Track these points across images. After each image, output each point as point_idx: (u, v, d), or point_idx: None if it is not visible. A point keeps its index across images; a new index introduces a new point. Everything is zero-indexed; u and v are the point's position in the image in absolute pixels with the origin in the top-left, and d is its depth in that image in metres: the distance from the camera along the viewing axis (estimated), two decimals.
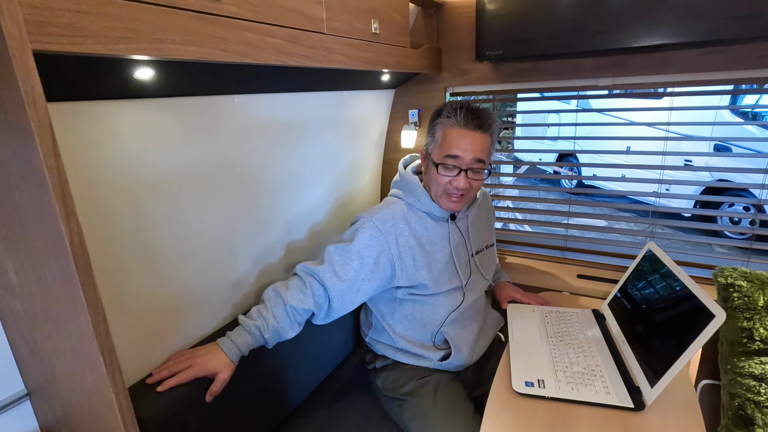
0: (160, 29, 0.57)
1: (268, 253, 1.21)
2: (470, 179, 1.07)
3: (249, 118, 1.03)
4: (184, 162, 0.90)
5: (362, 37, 1.02)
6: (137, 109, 0.78)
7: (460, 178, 1.06)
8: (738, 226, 3.58)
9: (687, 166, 3.55)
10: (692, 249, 1.53)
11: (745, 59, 1.16)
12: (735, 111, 3.76)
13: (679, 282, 0.95)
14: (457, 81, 1.53)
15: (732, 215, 2.66)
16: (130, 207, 0.82)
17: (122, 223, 0.81)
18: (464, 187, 1.06)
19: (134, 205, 0.83)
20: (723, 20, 1.04)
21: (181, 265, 0.96)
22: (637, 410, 0.87)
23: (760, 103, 3.57)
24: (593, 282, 1.45)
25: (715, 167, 3.46)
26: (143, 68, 0.67)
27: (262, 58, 0.75)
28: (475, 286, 1.21)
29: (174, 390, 0.87)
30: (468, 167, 1.06)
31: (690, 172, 2.93)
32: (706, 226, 2.14)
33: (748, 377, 1.04)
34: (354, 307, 1.10)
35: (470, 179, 1.07)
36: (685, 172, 2.99)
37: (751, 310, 1.07)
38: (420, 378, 1.14)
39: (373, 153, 1.66)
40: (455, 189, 1.07)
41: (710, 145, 3.83)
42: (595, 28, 1.15)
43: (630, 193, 1.63)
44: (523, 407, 0.90)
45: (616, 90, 1.39)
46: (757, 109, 3.65)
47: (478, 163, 1.06)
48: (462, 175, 1.06)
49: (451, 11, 1.46)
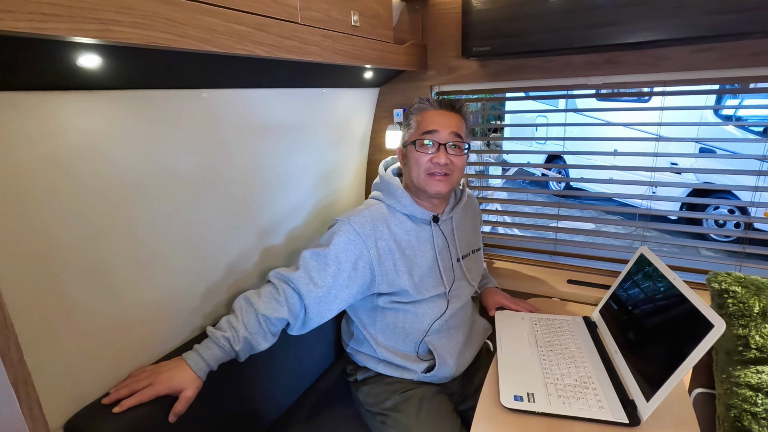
0: (100, 7, 0.50)
1: (242, 259, 1.14)
2: (450, 155, 1.04)
3: (217, 114, 0.96)
4: (143, 162, 0.82)
5: (341, 29, 0.96)
6: (85, 101, 0.70)
7: (440, 153, 1.03)
8: (723, 229, 3.58)
9: (672, 167, 3.56)
10: (679, 252, 1.49)
11: (739, 56, 1.12)
12: (720, 114, 3.79)
13: (675, 289, 0.91)
14: (444, 79, 1.48)
15: (718, 218, 2.65)
16: (83, 212, 0.74)
17: (74, 230, 0.74)
18: (445, 162, 1.03)
19: (87, 210, 0.75)
20: (718, 15, 1.00)
21: (142, 273, 0.88)
22: (632, 426, 0.81)
23: (746, 105, 3.59)
24: (584, 287, 1.40)
25: (702, 169, 3.47)
26: (87, 54, 0.60)
27: (225, 47, 0.68)
28: (460, 292, 1.15)
29: (133, 410, 0.80)
30: (446, 141, 1.03)
31: (677, 174, 2.92)
32: (694, 229, 2.12)
33: (744, 387, 1.00)
34: (332, 316, 1.03)
35: (450, 155, 1.04)
36: (672, 175, 2.98)
37: (747, 317, 1.03)
38: (403, 392, 1.08)
39: (357, 153, 1.60)
40: (437, 166, 1.03)
41: (696, 147, 3.84)
42: (588, 22, 1.10)
43: (617, 195, 1.59)
44: (512, 423, 0.85)
45: (605, 90, 1.34)
46: (741, 111, 3.68)
47: (456, 138, 1.04)
48: (442, 150, 1.03)
49: (437, 6, 1.40)
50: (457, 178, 1.09)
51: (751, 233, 1.31)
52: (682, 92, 1.27)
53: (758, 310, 1.02)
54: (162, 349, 0.96)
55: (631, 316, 1.03)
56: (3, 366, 0.38)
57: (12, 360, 0.38)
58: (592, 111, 1.96)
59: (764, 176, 1.24)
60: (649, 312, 0.98)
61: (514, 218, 3.31)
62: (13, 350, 0.39)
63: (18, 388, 0.39)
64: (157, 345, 0.94)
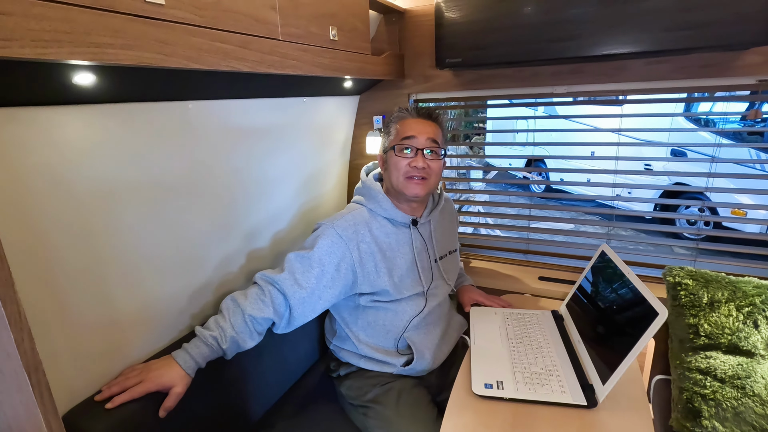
0: (95, 33, 0.55)
1: (228, 262, 1.18)
2: (428, 159, 1.11)
3: (204, 124, 1.01)
4: (135, 170, 0.87)
5: (320, 43, 1.02)
6: (80, 115, 0.75)
7: (418, 158, 1.10)
8: (683, 227, 3.75)
9: (647, 169, 3.72)
10: (651, 250, 1.59)
11: (689, 68, 1.22)
12: (689, 118, 3.97)
13: (629, 282, 0.99)
14: (421, 87, 1.55)
15: (685, 217, 2.79)
16: (77, 217, 0.79)
17: (69, 235, 0.78)
18: (423, 167, 1.10)
19: (81, 215, 0.79)
20: (669, 32, 1.10)
21: (134, 276, 0.92)
22: (590, 407, 0.89)
23: (711, 111, 3.76)
24: (554, 284, 1.49)
25: (671, 171, 3.63)
26: (83, 73, 0.65)
27: (211, 64, 0.73)
28: (437, 291, 1.22)
29: (124, 406, 0.84)
30: (424, 147, 1.10)
31: (647, 176, 3.06)
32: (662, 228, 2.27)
33: (695, 371, 1.09)
34: (316, 315, 1.08)
35: (428, 159, 1.11)
36: (644, 176, 3.13)
37: (697, 307, 1.12)
38: (383, 384, 1.14)
39: (339, 159, 1.66)
40: (415, 170, 1.10)
41: (667, 150, 4.02)
42: (550, 36, 1.19)
43: (587, 197, 1.69)
44: (482, 409, 0.91)
45: (579, 97, 1.43)
46: (711, 116, 3.86)
47: (433, 144, 1.11)
48: (419, 155, 1.10)
49: (413, 19, 1.48)
50: (434, 182, 1.15)
51: (705, 230, 1.41)
52: (648, 100, 1.37)
53: (706, 300, 1.11)
54: (152, 348, 1.00)
55: (592, 309, 1.11)
56: (18, 354, 0.43)
57: (25, 349, 0.43)
58: (566, 118, 2.06)
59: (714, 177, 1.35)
60: (607, 304, 1.06)
61: (496, 220, 3.42)
62: (26, 341, 0.44)
63: (30, 375, 0.44)
64: (147, 344, 0.98)
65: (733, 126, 3.88)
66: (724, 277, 1.16)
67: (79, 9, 0.53)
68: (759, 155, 3.64)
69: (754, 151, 3.73)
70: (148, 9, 0.62)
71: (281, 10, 0.88)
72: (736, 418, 1.02)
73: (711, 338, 1.09)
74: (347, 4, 1.12)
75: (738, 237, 1.46)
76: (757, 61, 1.15)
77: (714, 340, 1.09)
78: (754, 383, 1.03)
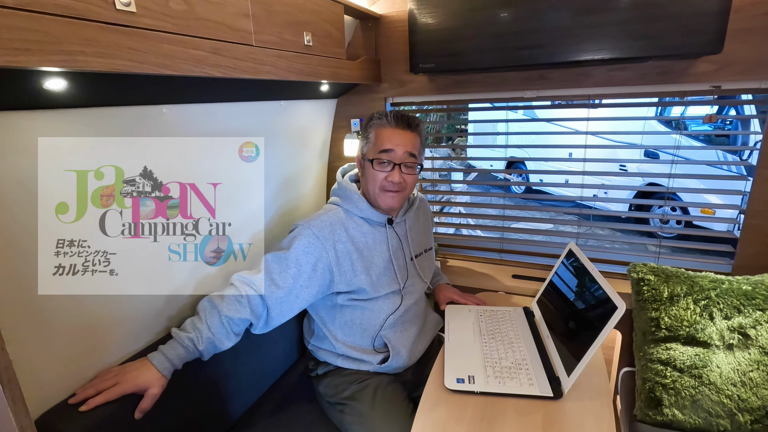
0: (67, 41, 0.57)
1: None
2: (404, 174, 1.13)
3: (179, 127, 1.02)
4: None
5: (294, 49, 1.05)
6: (52, 120, 0.75)
7: (394, 172, 1.12)
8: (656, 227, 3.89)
9: (621, 170, 3.85)
10: (627, 248, 1.66)
11: (648, 75, 1.29)
12: (661, 121, 4.11)
13: (593, 278, 1.04)
14: (397, 91, 1.58)
15: (655, 216, 2.89)
16: (47, 219, 0.79)
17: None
18: (399, 181, 1.12)
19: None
20: (627, 41, 1.16)
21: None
22: (556, 398, 0.93)
23: (680, 114, 3.91)
24: (526, 281, 1.54)
25: (641, 172, 3.77)
26: (54, 79, 0.66)
27: (184, 70, 0.75)
28: (413, 289, 1.25)
29: (99, 409, 0.84)
30: (401, 161, 1.12)
31: (622, 177, 3.17)
32: (633, 226, 2.36)
33: (656, 362, 1.15)
34: (293, 314, 1.10)
35: (404, 174, 1.13)
36: (619, 177, 3.23)
37: (658, 302, 1.18)
38: (360, 382, 1.16)
39: (317, 161, 1.68)
40: (391, 184, 1.12)
41: (641, 152, 4.16)
42: (516, 45, 1.24)
43: (567, 198, 1.75)
44: (454, 403, 0.95)
45: (552, 101, 1.49)
46: (680, 120, 4.01)
47: (410, 158, 1.13)
48: (396, 169, 1.12)
49: (388, 24, 1.51)
50: (408, 193, 1.19)
51: (667, 228, 1.49)
52: (619, 104, 1.43)
53: (667, 295, 1.17)
54: (128, 350, 1.00)
55: (561, 304, 1.16)
56: None
57: None
58: (545, 121, 2.11)
59: (675, 178, 1.42)
60: (574, 299, 1.11)
61: (477, 220, 3.49)
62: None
63: (1, 374, 0.45)
64: (122, 347, 0.99)
65: (703, 129, 4.04)
66: (684, 272, 1.22)
67: (50, 18, 0.55)
68: (726, 157, 3.80)
69: (721, 153, 3.89)
70: (119, 17, 0.63)
71: (255, 18, 0.90)
72: (694, 405, 1.08)
73: (671, 330, 1.15)
74: (321, 10, 1.15)
75: (699, 234, 1.54)
76: (708, 69, 1.22)
77: (673, 333, 1.15)
78: (710, 372, 1.09)
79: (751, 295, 1.13)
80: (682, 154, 3.81)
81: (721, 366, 1.10)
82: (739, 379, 1.07)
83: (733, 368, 1.09)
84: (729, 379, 1.08)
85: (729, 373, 1.08)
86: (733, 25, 1.11)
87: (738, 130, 3.03)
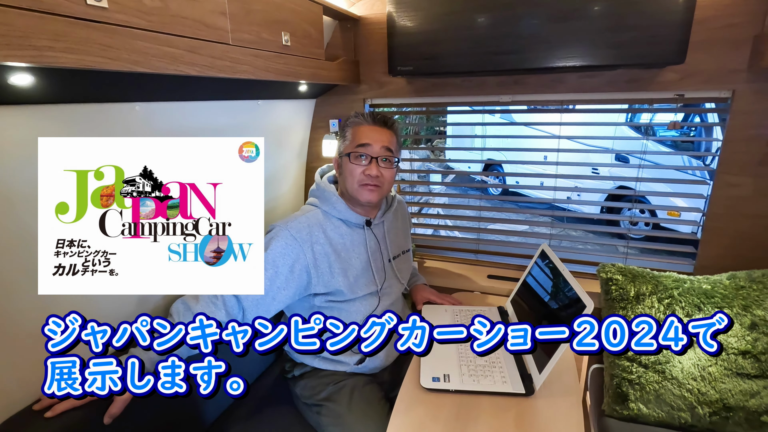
0: (35, 35, 0.55)
1: None
2: (381, 167, 1.14)
3: (152, 125, 1.00)
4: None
5: (272, 48, 1.04)
6: (16, 116, 0.73)
7: (372, 166, 1.13)
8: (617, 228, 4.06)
9: (594, 173, 3.98)
10: (599, 249, 1.72)
11: (617, 82, 1.34)
12: (631, 126, 4.28)
13: (563, 278, 1.07)
14: (375, 93, 1.59)
15: (623, 218, 3.01)
16: (9, 222, 0.76)
17: (4, 240, 0.75)
18: (376, 175, 1.13)
19: (14, 220, 0.77)
20: (597, 49, 1.21)
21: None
22: (528, 395, 0.96)
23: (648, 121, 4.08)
24: (501, 281, 1.57)
25: (611, 176, 3.90)
26: (19, 74, 0.64)
27: (158, 68, 0.74)
28: (391, 290, 1.26)
29: (66, 414, 0.82)
30: (378, 155, 1.13)
31: (593, 180, 3.27)
32: (603, 228, 2.47)
33: (623, 359, 1.19)
34: (270, 316, 1.09)
35: (381, 167, 1.14)
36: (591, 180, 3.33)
37: (625, 300, 1.23)
38: (337, 383, 1.16)
39: (295, 161, 1.67)
40: (369, 177, 1.13)
41: (612, 156, 4.31)
42: (492, 50, 1.27)
43: (542, 200, 1.79)
44: (429, 402, 0.96)
45: (528, 106, 1.52)
46: (649, 126, 4.18)
47: (387, 152, 1.14)
48: (373, 163, 1.13)
49: (367, 26, 1.52)
50: (387, 189, 1.20)
51: (635, 230, 1.55)
52: (592, 110, 1.47)
53: (633, 294, 1.22)
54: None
55: (533, 303, 1.19)
56: None
57: None
58: (523, 125, 2.15)
59: (641, 182, 1.48)
60: (546, 298, 1.14)
61: (456, 222, 3.54)
62: None
63: None
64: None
65: (670, 135, 4.23)
66: (649, 272, 1.27)
67: (17, 11, 0.53)
68: (690, 162, 3.99)
69: (686, 158, 4.09)
70: (90, 12, 0.62)
71: (232, 16, 0.89)
72: (658, 399, 1.13)
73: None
74: (300, 10, 1.15)
75: (664, 236, 1.61)
76: (673, 78, 1.28)
77: None
78: (672, 368, 1.14)
79: (711, 293, 1.19)
80: (651, 159, 4.00)
81: (683, 361, 1.15)
82: (699, 373, 1.13)
83: (693, 363, 1.14)
84: (690, 373, 1.13)
85: (690, 368, 1.14)
86: (696, 37, 1.17)
87: (701, 137, 3.17)
